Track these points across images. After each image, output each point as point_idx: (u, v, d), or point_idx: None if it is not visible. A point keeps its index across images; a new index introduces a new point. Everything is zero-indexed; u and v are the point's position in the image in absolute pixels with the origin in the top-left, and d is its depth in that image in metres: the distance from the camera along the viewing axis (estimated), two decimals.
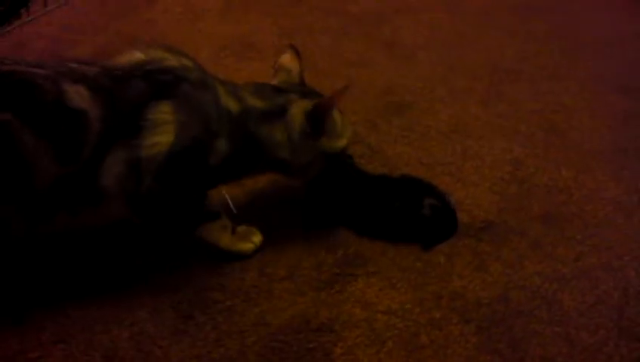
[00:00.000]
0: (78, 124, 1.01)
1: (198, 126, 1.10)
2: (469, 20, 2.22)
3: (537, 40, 2.11)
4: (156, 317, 1.11)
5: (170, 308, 1.12)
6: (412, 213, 1.28)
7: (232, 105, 1.16)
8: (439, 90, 1.80)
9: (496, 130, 1.64)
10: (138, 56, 1.11)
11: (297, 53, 1.32)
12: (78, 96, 1.01)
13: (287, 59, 1.31)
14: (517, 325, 1.12)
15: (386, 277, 1.21)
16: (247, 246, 1.22)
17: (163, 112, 1.06)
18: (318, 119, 1.20)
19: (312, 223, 1.33)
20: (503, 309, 1.15)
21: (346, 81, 1.78)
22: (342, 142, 1.27)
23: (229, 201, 1.33)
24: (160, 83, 1.08)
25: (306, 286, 1.18)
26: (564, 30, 2.19)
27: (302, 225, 1.32)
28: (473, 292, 1.18)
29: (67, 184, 1.02)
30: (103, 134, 1.02)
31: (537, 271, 1.24)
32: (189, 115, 1.08)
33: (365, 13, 2.20)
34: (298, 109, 1.21)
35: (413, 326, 1.12)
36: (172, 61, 1.12)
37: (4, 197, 1.00)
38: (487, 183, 1.45)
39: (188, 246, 1.23)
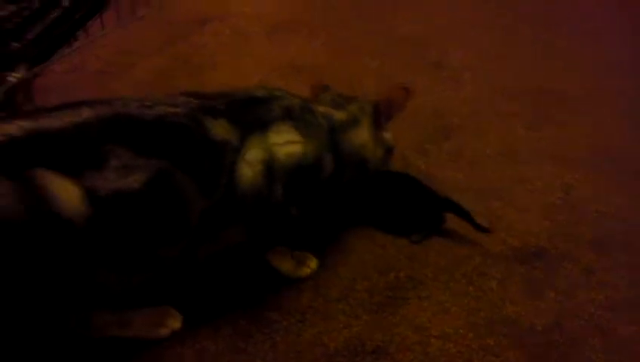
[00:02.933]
0: (220, 156, 1.07)
1: (316, 144, 1.18)
2: (514, 42, 2.23)
3: (584, 64, 2.11)
4: (217, 334, 1.14)
5: (229, 327, 1.16)
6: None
7: (324, 123, 1.23)
8: (486, 113, 1.82)
9: (545, 155, 1.64)
10: (256, 90, 1.21)
11: None
12: (221, 129, 1.08)
13: (321, 79, 1.40)
14: (571, 353, 1.13)
15: (438, 301, 1.23)
16: (305, 271, 1.26)
17: (288, 132, 1.14)
18: (384, 112, 1.30)
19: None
20: (556, 337, 1.16)
21: None
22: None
23: None
24: (280, 108, 1.17)
25: (359, 309, 1.21)
26: (612, 54, 2.19)
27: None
28: (526, 318, 1.19)
29: (213, 212, 1.07)
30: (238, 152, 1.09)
31: (590, 298, 1.24)
32: (307, 134, 1.17)
33: (412, 36, 2.23)
34: (369, 107, 1.30)
35: (466, 351, 1.13)
36: (278, 92, 1.21)
37: (169, 239, 1.05)
38: (538, 209, 1.46)
39: (245, 267, 1.26)
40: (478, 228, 1.35)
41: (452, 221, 1.39)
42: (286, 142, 1.13)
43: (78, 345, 1.10)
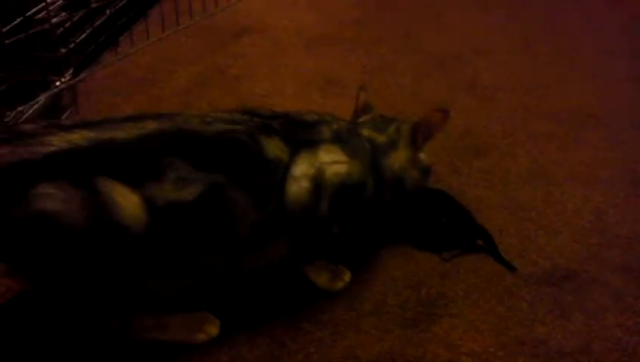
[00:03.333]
0: (272, 173, 1.12)
1: (361, 165, 1.22)
2: (547, 62, 2.25)
3: (618, 84, 2.12)
4: (252, 342, 1.18)
5: (265, 335, 1.20)
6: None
7: (367, 145, 1.27)
8: (519, 134, 1.84)
9: (577, 177, 1.66)
10: (307, 114, 1.25)
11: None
12: (275, 147, 1.12)
13: (364, 96, 1.43)
14: None
15: (468, 319, 1.25)
16: (339, 284, 1.29)
17: (336, 153, 1.19)
18: (422, 134, 1.32)
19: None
20: (585, 359, 1.18)
21: None
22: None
23: None
24: (330, 131, 1.21)
25: (391, 323, 1.24)
26: None
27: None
28: (555, 340, 1.21)
29: (261, 226, 1.12)
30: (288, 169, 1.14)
31: (619, 323, 1.26)
32: (353, 155, 1.21)
33: (445, 54, 2.26)
34: (405, 129, 1.33)
35: None
36: (328, 117, 1.26)
37: (216, 250, 1.10)
38: (568, 231, 1.48)
39: (282, 278, 1.30)
40: (505, 264, 1.37)
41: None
42: (334, 162, 1.17)
43: (118, 346, 1.14)
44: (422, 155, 1.36)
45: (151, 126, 1.07)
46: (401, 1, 2.69)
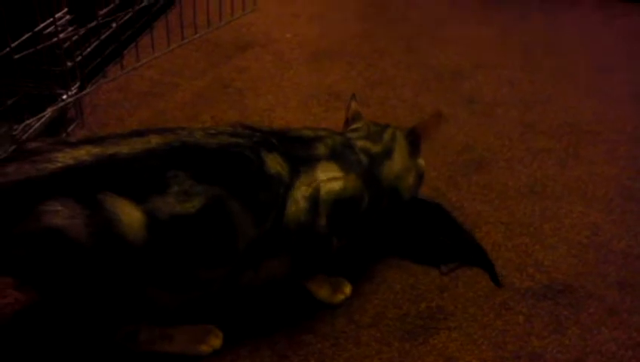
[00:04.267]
0: (273, 189, 1.14)
1: (356, 178, 1.24)
2: (547, 78, 2.28)
3: (616, 101, 2.15)
4: (254, 354, 1.21)
5: (267, 347, 1.22)
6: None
7: (363, 158, 1.29)
8: (517, 149, 1.87)
9: (574, 193, 1.69)
10: (303, 130, 1.29)
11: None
12: (275, 163, 1.15)
13: (355, 105, 1.46)
14: None
15: (466, 332, 1.28)
16: (340, 297, 1.32)
17: (332, 170, 1.21)
18: (419, 138, 1.36)
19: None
20: None
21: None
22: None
23: None
24: (326, 147, 1.24)
25: (391, 336, 1.26)
26: None
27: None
28: (551, 354, 1.24)
29: (260, 241, 1.14)
30: (289, 189, 1.16)
31: (614, 337, 1.29)
32: (349, 170, 1.24)
33: (445, 68, 2.30)
34: (400, 135, 1.37)
35: None
36: (322, 132, 1.29)
37: (216, 262, 1.12)
38: (565, 246, 1.50)
39: (283, 290, 1.33)
40: (495, 281, 1.40)
41: None
42: (330, 179, 1.20)
43: (123, 357, 1.17)
44: (419, 161, 1.39)
45: (155, 140, 1.09)
46: (402, 16, 2.73)
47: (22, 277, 1.08)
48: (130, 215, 1.01)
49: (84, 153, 1.04)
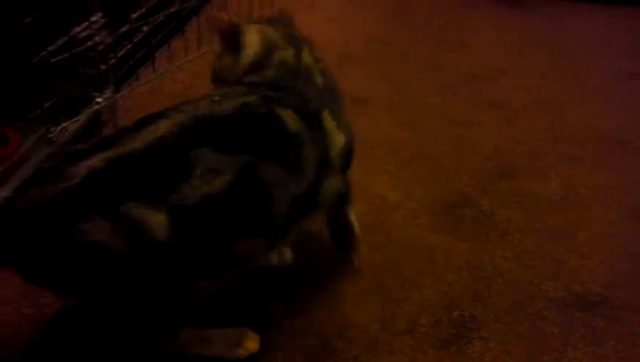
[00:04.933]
0: (297, 146, 1.13)
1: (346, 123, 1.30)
2: (572, 85, 2.27)
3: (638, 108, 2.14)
4: (289, 360, 1.21)
5: (302, 353, 1.23)
6: None
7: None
8: (547, 156, 1.86)
9: (605, 202, 1.68)
10: None
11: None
12: (291, 120, 1.14)
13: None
14: None
15: (500, 342, 1.28)
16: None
17: (329, 119, 1.24)
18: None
19: None
20: None
21: (456, 140, 1.88)
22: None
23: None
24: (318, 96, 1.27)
25: (425, 344, 1.26)
26: None
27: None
28: None
29: (297, 206, 1.15)
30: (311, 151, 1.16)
31: None
32: (341, 119, 1.30)
33: (471, 73, 2.29)
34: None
35: None
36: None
37: (256, 231, 1.11)
38: (599, 256, 1.50)
39: (313, 294, 1.33)
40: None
41: (513, 262, 1.45)
42: (335, 128, 1.24)
43: (160, 359, 1.18)
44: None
45: (164, 125, 1.04)
46: (423, 19, 2.73)
47: (63, 292, 1.09)
48: (154, 217, 0.99)
49: (98, 160, 1.00)
